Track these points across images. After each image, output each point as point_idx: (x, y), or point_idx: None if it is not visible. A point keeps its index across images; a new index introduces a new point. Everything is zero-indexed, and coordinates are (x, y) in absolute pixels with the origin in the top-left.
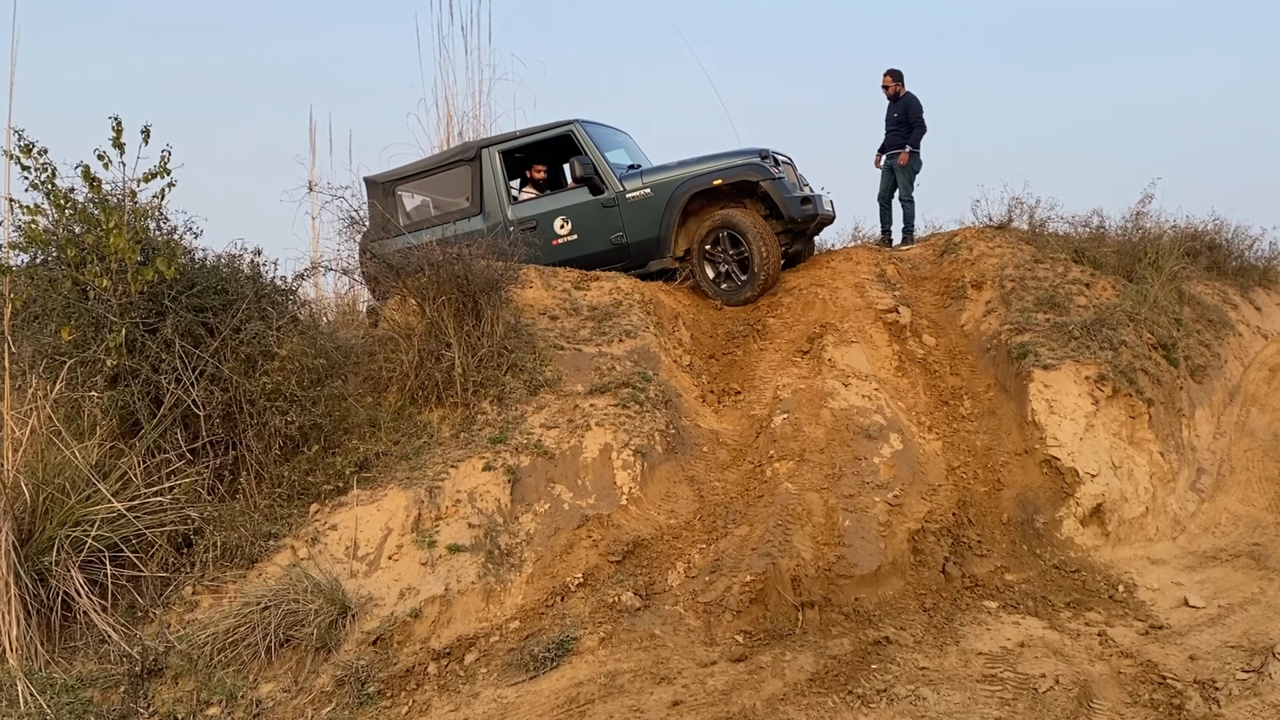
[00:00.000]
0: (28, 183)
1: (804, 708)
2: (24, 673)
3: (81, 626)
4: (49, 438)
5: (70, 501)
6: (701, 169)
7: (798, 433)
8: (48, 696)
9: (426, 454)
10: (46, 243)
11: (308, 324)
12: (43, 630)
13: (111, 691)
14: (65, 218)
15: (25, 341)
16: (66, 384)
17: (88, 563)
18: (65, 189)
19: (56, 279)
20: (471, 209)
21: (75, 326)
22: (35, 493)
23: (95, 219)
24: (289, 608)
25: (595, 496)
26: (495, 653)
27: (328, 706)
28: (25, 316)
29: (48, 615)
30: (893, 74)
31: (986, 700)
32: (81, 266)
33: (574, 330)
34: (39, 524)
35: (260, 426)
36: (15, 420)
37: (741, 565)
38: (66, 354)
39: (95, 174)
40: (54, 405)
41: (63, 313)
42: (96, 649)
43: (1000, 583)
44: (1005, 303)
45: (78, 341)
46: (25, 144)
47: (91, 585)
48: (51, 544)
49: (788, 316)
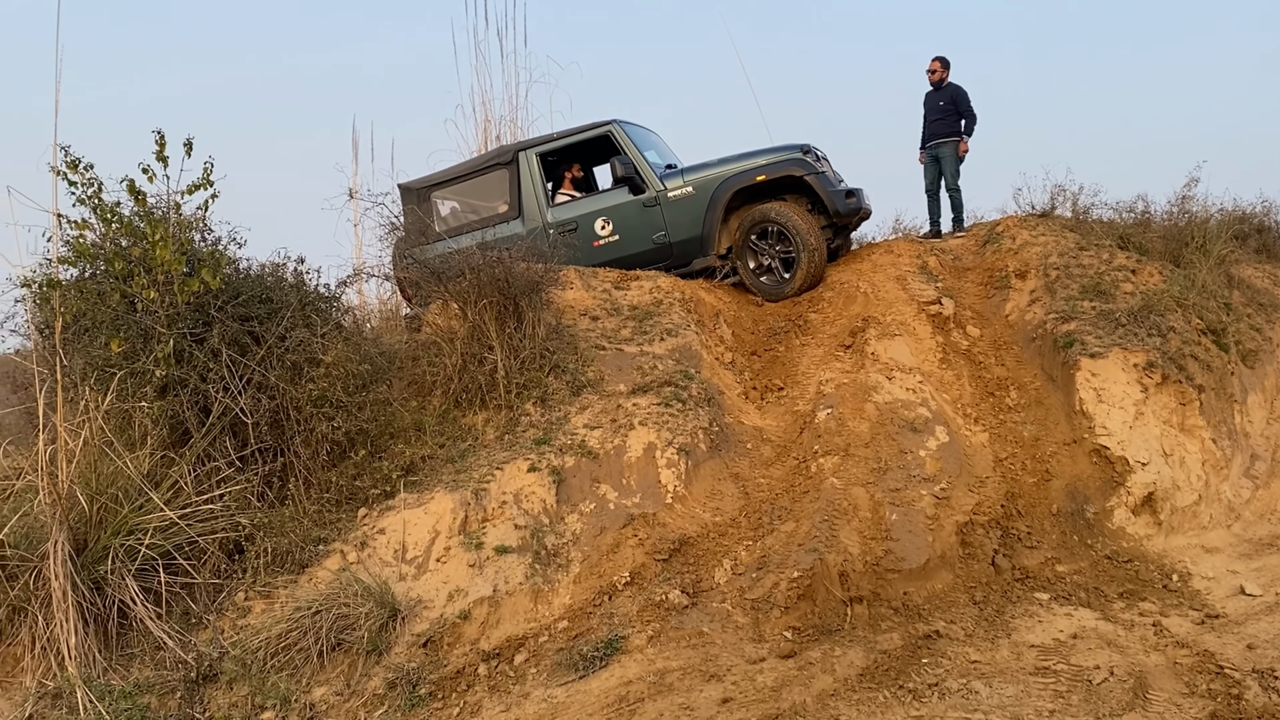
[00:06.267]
0: (75, 198)
1: (854, 703)
2: (83, 680)
3: (137, 634)
4: (101, 448)
5: (124, 511)
6: (743, 166)
7: (842, 427)
8: (106, 703)
9: (471, 457)
10: (94, 257)
11: (352, 330)
12: (100, 638)
13: (168, 697)
14: (112, 231)
15: (76, 354)
16: (117, 395)
17: (142, 571)
18: (111, 203)
19: (105, 292)
20: (510, 213)
21: (124, 338)
22: (90, 503)
23: (141, 232)
24: (339, 612)
25: (640, 496)
26: (544, 653)
27: (380, 709)
28: (76, 330)
29: (104, 623)
30: (941, 60)
31: (1040, 693)
32: (129, 279)
33: (615, 330)
34: (94, 533)
35: (307, 433)
36: (69, 432)
37: (788, 561)
38: (117, 366)
39: (140, 188)
40: (106, 416)
41: (112, 325)
42: (152, 655)
43: (1051, 574)
44: (1050, 291)
45: (127, 353)
46: (72, 160)
47: (146, 593)
48: (106, 553)
49: (829, 311)
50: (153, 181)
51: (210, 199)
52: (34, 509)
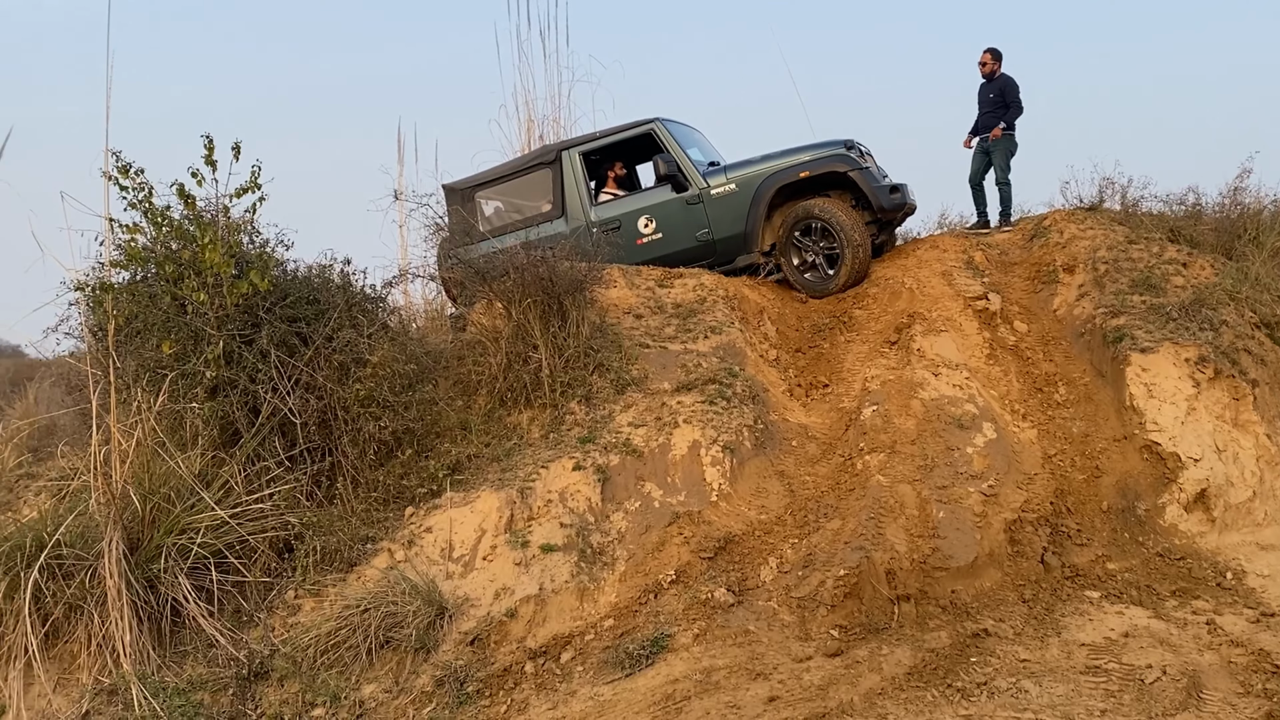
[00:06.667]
0: (126, 202)
1: (902, 702)
2: (137, 677)
3: (190, 631)
4: (154, 449)
5: (176, 510)
6: (787, 162)
7: (888, 424)
8: (160, 700)
9: (517, 455)
10: (145, 260)
11: (398, 330)
12: (154, 635)
13: (220, 694)
14: (162, 235)
15: (129, 356)
16: (169, 396)
17: (194, 569)
18: (162, 207)
19: (156, 295)
20: (553, 212)
21: (175, 340)
22: (143, 502)
23: (191, 235)
24: (388, 610)
25: (685, 494)
26: (591, 651)
27: (428, 706)
28: (128, 332)
29: (158, 621)
30: (992, 52)
31: (1091, 692)
32: (179, 282)
33: (659, 328)
34: (147, 533)
35: (355, 432)
36: (122, 433)
37: (835, 559)
38: (168, 367)
39: (189, 191)
40: (158, 417)
41: (163, 327)
42: (205, 653)
43: (1102, 572)
44: (1099, 286)
45: (178, 355)
46: (123, 165)
47: (198, 591)
48: (159, 552)
49: (874, 307)
50: (202, 185)
51: (258, 202)
52: (89, 509)
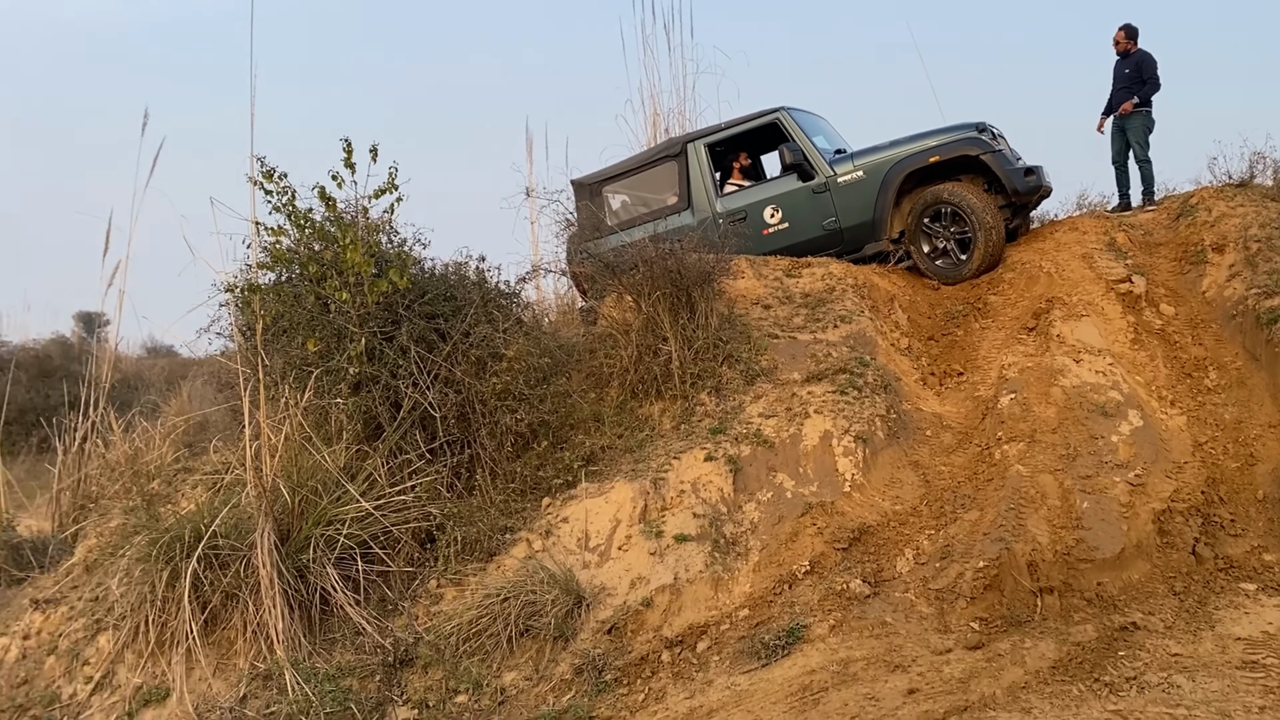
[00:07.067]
0: (270, 206)
1: (1047, 696)
2: (290, 663)
3: (338, 619)
4: (301, 443)
5: (323, 502)
6: (915, 147)
7: (1027, 413)
8: (312, 685)
9: (649, 446)
10: (290, 261)
11: (531, 325)
12: (304, 623)
13: (368, 680)
14: (305, 236)
15: (276, 354)
16: (314, 392)
17: (340, 559)
18: (304, 210)
19: (300, 294)
20: (680, 204)
21: (319, 338)
22: (292, 495)
23: (332, 236)
24: (527, 599)
25: (817, 484)
26: (726, 641)
27: (568, 694)
28: (275, 331)
29: (308, 609)
30: (1126, 29)
31: (1248, 688)
32: (322, 281)
33: (787, 318)
34: (296, 524)
35: (492, 425)
36: (271, 428)
37: (973, 551)
38: (313, 364)
39: (330, 194)
40: (304, 413)
41: (308, 326)
42: (352, 640)
43: (1258, 563)
44: (1251, 265)
45: (322, 352)
46: (267, 170)
47: (345, 580)
48: (308, 542)
49: (1010, 293)
50: (341, 187)
51: (396, 202)
52: (242, 501)
